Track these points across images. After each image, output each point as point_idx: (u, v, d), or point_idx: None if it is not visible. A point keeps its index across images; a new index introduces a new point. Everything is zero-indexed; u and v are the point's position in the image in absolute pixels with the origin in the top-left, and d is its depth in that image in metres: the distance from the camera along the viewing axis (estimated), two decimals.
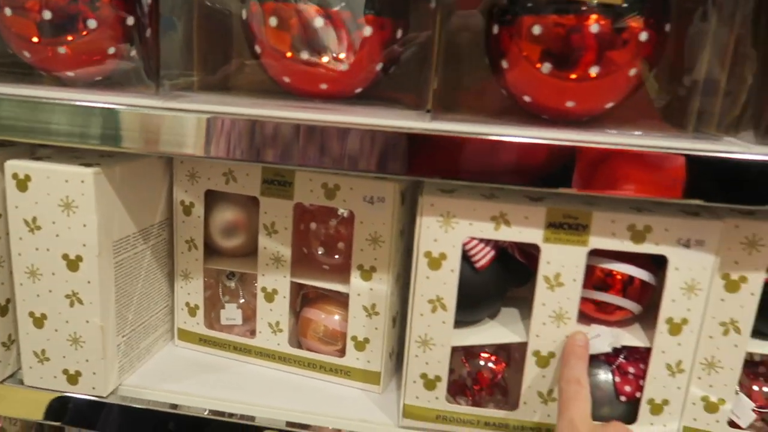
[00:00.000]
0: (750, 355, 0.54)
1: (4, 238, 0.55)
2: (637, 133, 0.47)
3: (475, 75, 0.54)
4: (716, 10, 0.48)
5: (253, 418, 0.57)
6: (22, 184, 0.51)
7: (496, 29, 0.49)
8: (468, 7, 0.52)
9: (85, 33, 0.52)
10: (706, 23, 0.48)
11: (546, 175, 0.45)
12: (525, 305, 0.58)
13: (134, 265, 0.58)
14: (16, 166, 0.51)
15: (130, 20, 0.53)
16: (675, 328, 0.50)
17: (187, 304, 0.64)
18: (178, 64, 0.54)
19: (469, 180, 0.46)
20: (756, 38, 0.48)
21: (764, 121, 0.46)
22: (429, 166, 0.46)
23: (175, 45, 0.54)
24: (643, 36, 0.46)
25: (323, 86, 0.51)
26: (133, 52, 0.55)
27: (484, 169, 0.45)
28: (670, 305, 0.49)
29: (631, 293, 0.51)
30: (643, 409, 0.52)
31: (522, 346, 0.53)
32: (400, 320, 0.61)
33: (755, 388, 0.54)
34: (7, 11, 0.51)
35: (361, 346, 0.58)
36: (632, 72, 0.47)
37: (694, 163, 0.43)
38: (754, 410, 0.52)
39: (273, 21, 0.48)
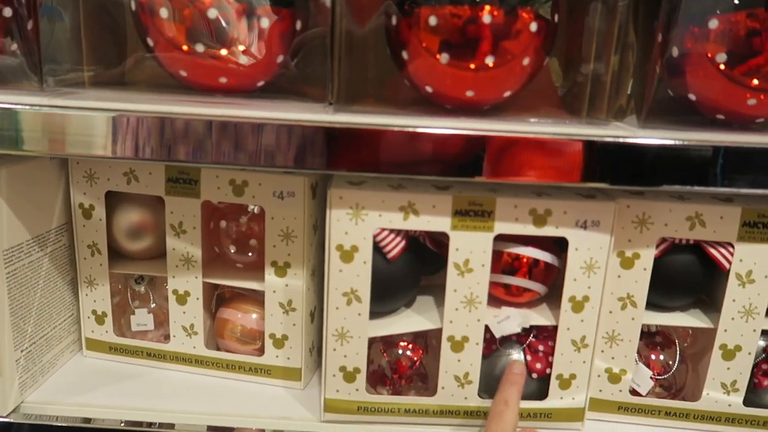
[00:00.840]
0: (647, 326, 0.58)
1: None
2: (533, 120, 0.49)
3: (379, 66, 0.54)
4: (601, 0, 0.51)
5: (172, 426, 0.55)
6: None
7: (394, 20, 0.49)
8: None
9: None
10: (593, 13, 0.50)
11: (451, 164, 0.46)
12: (439, 292, 0.59)
13: (30, 275, 0.54)
14: None
15: (8, 11, 0.50)
16: (578, 306, 0.52)
17: (94, 312, 0.61)
18: (66, 59, 0.51)
19: (375, 172, 0.46)
20: (636, 27, 0.51)
21: (645, 107, 0.49)
22: (335, 160, 0.46)
23: (61, 37, 0.51)
24: (534, 26, 0.47)
25: (223, 80, 0.49)
26: (14, 46, 0.51)
27: (391, 161, 0.45)
28: (572, 284, 0.51)
29: (536, 275, 0.53)
30: (553, 384, 0.54)
31: (438, 333, 0.54)
32: (318, 315, 0.60)
33: (652, 357, 0.57)
34: None
35: (279, 343, 0.58)
36: (526, 61, 0.48)
37: (585, 147, 0.45)
38: (652, 378, 0.56)
39: (164, 12, 0.46)
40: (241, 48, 0.48)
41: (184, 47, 0.48)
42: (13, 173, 0.51)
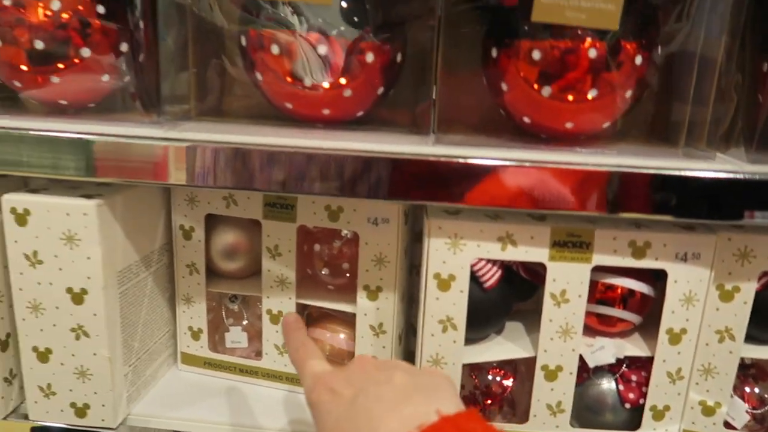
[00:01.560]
0: (742, 359, 0.57)
1: (2, 272, 0.54)
2: (630, 150, 0.49)
3: (475, 95, 0.55)
4: (702, 28, 0.50)
5: None
6: (21, 218, 0.50)
7: (494, 52, 0.49)
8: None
9: (77, 61, 0.51)
10: (695, 41, 0.49)
11: (550, 197, 0.46)
12: (528, 318, 0.59)
13: (137, 293, 0.57)
14: (14, 200, 0.50)
15: (124, 47, 0.53)
16: (675, 338, 0.52)
17: (190, 327, 0.63)
18: (176, 91, 0.53)
19: (476, 205, 0.47)
20: (741, 56, 0.50)
21: (754, 139, 0.48)
22: (437, 192, 0.47)
23: (170, 71, 0.53)
24: (638, 59, 0.47)
25: (326, 111, 0.51)
26: (127, 78, 0.54)
27: (491, 194, 0.46)
28: (669, 316, 0.51)
29: (632, 305, 0.53)
30: (646, 415, 0.54)
31: (527, 360, 0.54)
32: (405, 337, 0.62)
33: (747, 390, 0.56)
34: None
35: None
36: (628, 94, 0.48)
37: (686, 182, 0.45)
38: (747, 411, 0.55)
39: (275, 48, 0.48)
40: (343, 81, 0.50)
41: (289, 80, 0.50)
42: (127, 199, 0.54)
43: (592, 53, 0.46)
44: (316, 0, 0.45)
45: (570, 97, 0.48)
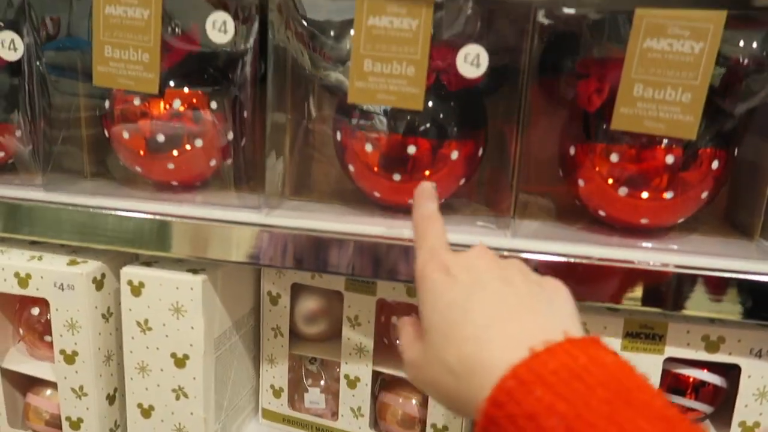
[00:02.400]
0: None
1: (114, 334, 0.60)
2: (703, 245, 0.50)
3: (550, 181, 0.58)
4: None
5: None
6: (136, 289, 0.56)
7: (572, 150, 0.52)
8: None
9: (189, 148, 0.57)
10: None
11: (628, 293, 0.48)
12: None
13: (229, 355, 0.62)
14: (131, 273, 0.56)
15: (230, 135, 0.59)
16: (747, 431, 0.52)
17: (272, 386, 0.68)
18: (273, 177, 0.59)
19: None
20: None
21: None
22: None
23: (272, 162, 0.59)
24: (715, 164, 0.49)
25: (410, 201, 0.55)
26: (230, 161, 0.60)
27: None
28: (743, 410, 0.52)
29: (704, 396, 0.54)
30: None
31: None
32: None
33: None
34: (125, 134, 0.56)
35: (437, 429, 0.62)
36: (704, 195, 0.50)
37: (758, 287, 0.46)
38: None
39: (368, 147, 0.53)
40: (428, 173, 0.54)
41: (378, 171, 0.54)
42: (226, 272, 0.59)
43: (669, 159, 0.48)
44: (407, 106, 0.50)
45: (646, 196, 0.50)
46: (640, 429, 0.25)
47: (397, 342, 0.40)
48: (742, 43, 0.47)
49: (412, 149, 0.52)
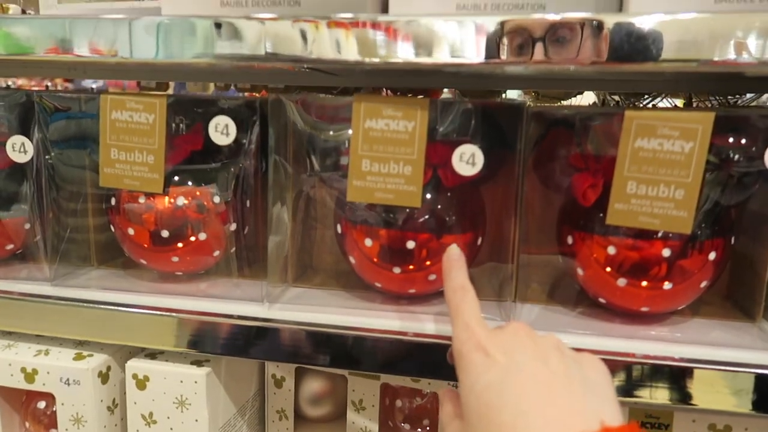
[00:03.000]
0: None
1: (119, 425, 0.60)
2: (707, 345, 0.50)
3: (550, 266, 0.59)
4: None
5: None
6: (141, 383, 0.57)
7: (570, 239, 0.53)
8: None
9: (193, 240, 0.58)
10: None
11: (631, 387, 0.48)
12: None
13: None
14: (136, 366, 0.57)
15: (233, 226, 0.60)
16: None
17: None
18: (274, 270, 0.59)
19: None
20: None
21: None
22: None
23: (274, 256, 0.60)
24: (713, 254, 0.49)
25: (411, 290, 0.56)
26: (233, 250, 0.61)
27: None
28: None
29: None
30: None
31: None
32: None
33: None
34: (130, 230, 0.58)
35: None
36: (704, 284, 0.50)
37: (760, 379, 0.46)
38: None
39: (368, 241, 0.53)
40: (428, 263, 0.54)
41: (378, 263, 0.55)
42: (230, 361, 0.59)
43: (666, 252, 0.48)
44: (405, 204, 0.51)
45: (645, 285, 0.50)
46: None
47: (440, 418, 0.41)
48: (731, 140, 0.48)
49: (411, 244, 0.52)
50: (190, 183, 0.57)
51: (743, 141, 0.47)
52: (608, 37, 0.41)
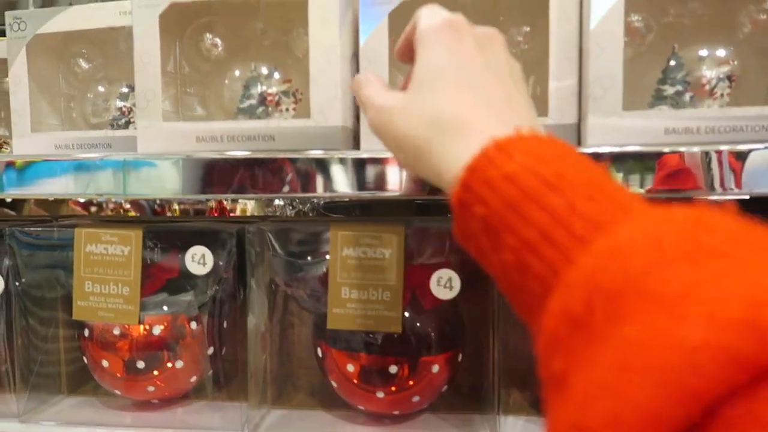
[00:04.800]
0: None
1: None
2: None
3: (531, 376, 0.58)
4: None
5: None
6: None
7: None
8: None
9: (170, 367, 0.57)
10: None
11: None
12: None
13: None
14: None
15: (211, 350, 0.59)
16: None
17: None
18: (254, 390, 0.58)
19: None
20: None
21: None
22: None
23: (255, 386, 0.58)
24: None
25: (395, 412, 0.55)
26: (210, 373, 0.60)
27: None
28: None
29: None
30: None
31: None
32: None
33: None
34: (104, 362, 0.56)
35: None
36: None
37: None
38: None
39: (350, 367, 0.53)
40: (411, 383, 0.54)
41: (359, 386, 0.54)
42: None
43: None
44: (386, 329, 0.51)
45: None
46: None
47: (358, 92, 0.37)
48: None
49: (393, 368, 0.52)
50: (165, 309, 0.56)
51: None
52: None
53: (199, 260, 0.52)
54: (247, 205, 1.13)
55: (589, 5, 0.44)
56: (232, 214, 1.05)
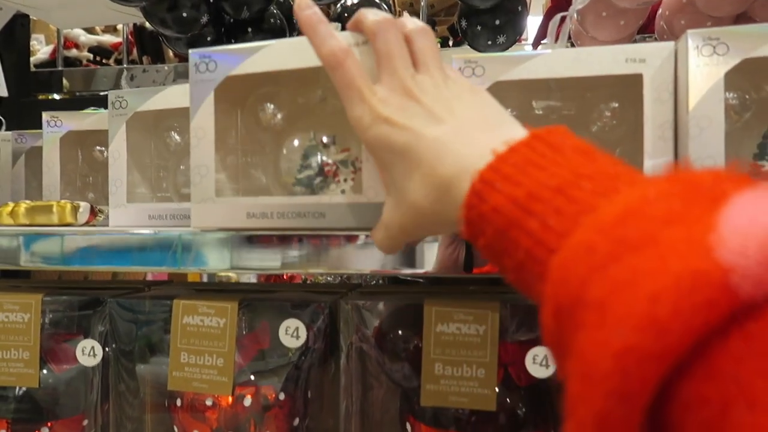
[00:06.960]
0: None
1: None
2: None
3: None
4: None
5: None
6: None
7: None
8: None
9: None
10: None
11: None
12: None
13: None
14: None
15: (296, 421, 0.59)
16: None
17: None
18: None
19: None
20: None
21: None
22: None
23: None
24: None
25: None
26: None
27: None
28: None
29: None
30: None
31: None
32: None
33: None
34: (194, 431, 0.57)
35: None
36: None
37: None
38: None
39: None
40: None
41: None
42: None
43: None
44: (480, 407, 0.50)
45: None
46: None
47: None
48: None
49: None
50: (253, 379, 0.57)
51: None
52: None
53: (292, 333, 0.53)
54: None
55: (686, 86, 0.45)
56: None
